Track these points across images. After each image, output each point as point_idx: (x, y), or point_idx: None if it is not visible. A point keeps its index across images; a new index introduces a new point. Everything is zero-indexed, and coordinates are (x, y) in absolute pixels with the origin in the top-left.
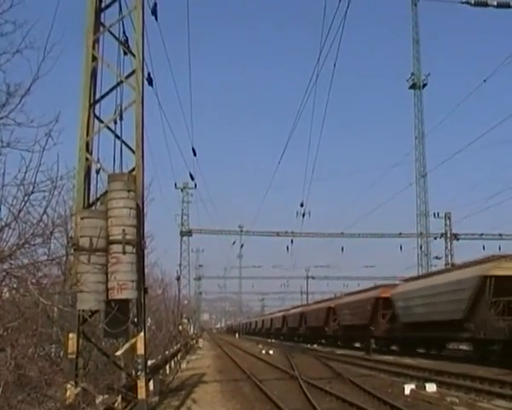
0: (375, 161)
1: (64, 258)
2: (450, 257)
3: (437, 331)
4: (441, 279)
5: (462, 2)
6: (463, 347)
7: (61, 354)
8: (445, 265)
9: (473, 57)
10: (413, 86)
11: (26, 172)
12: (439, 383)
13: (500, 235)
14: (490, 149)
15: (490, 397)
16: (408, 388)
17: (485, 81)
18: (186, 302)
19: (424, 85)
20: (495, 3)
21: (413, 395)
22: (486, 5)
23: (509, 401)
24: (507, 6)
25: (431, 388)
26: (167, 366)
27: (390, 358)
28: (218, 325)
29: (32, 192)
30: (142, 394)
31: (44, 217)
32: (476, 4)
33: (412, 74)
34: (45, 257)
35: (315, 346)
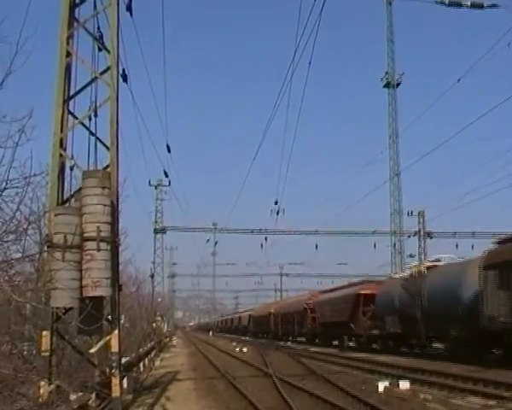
0: (349, 158)
1: (37, 255)
2: (423, 255)
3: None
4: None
5: (437, 2)
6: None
7: (34, 351)
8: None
9: (448, 57)
10: (387, 85)
11: None
12: (413, 381)
13: (473, 233)
14: (463, 147)
15: (463, 394)
16: (381, 385)
17: (459, 81)
18: (160, 300)
19: (398, 84)
20: (469, 3)
21: (386, 392)
22: (460, 5)
23: (482, 397)
24: (480, 6)
25: (404, 385)
26: (141, 364)
27: (363, 355)
28: (192, 323)
29: (5, 188)
30: (116, 391)
31: (17, 214)
32: (450, 4)
33: (386, 73)
34: (18, 254)
35: (288, 344)
